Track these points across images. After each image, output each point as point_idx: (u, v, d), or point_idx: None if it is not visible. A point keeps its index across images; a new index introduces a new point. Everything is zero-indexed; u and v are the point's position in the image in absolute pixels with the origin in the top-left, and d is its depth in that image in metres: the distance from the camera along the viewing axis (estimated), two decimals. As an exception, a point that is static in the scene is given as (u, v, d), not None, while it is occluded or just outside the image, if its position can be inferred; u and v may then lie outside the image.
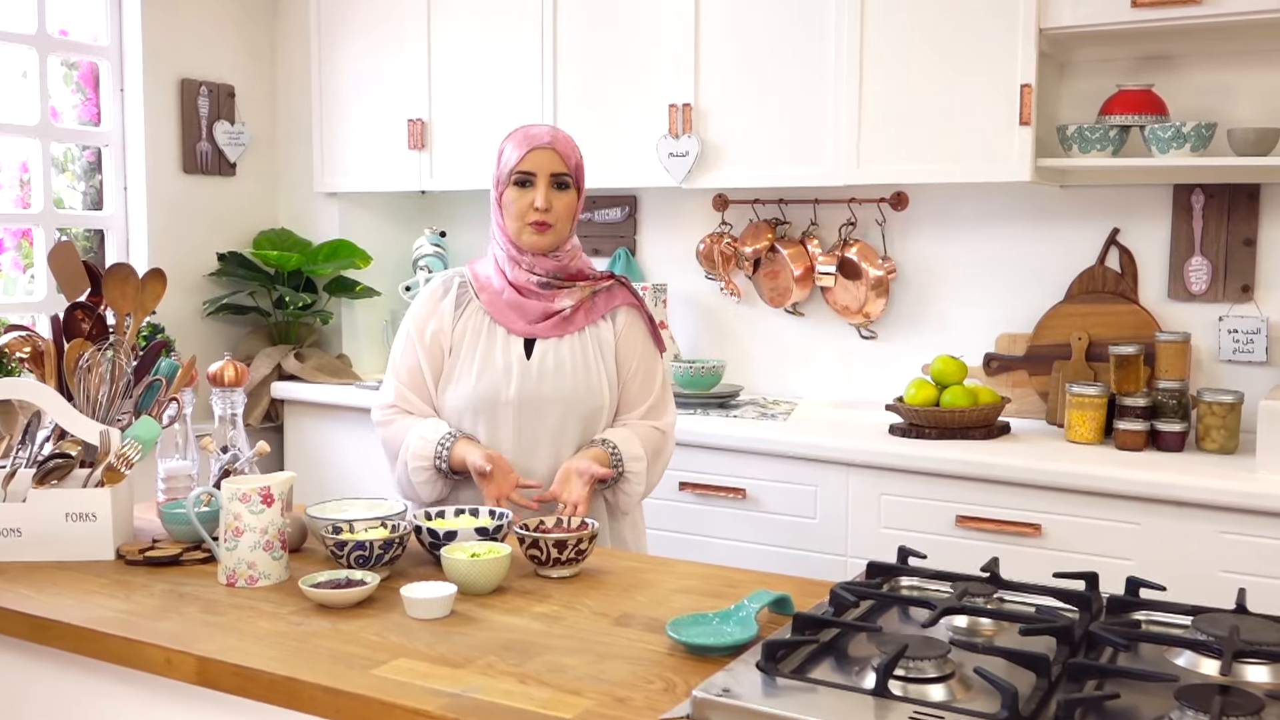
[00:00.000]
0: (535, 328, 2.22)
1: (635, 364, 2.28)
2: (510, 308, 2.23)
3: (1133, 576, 1.62)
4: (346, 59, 3.91)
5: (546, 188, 2.18)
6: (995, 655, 1.35)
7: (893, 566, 1.73)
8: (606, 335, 2.26)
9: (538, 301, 2.22)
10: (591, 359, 2.23)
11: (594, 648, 1.51)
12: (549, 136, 2.21)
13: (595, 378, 2.23)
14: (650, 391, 2.29)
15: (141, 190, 3.74)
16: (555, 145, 2.20)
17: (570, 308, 2.23)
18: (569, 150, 2.22)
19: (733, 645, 1.48)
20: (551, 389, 2.19)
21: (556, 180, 2.19)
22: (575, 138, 3.40)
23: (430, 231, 3.95)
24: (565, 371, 2.20)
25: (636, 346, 2.28)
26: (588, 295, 2.26)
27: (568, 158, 2.21)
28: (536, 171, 2.18)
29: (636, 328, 2.29)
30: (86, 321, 2.02)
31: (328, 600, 1.65)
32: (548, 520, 1.92)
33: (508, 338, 2.23)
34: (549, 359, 2.21)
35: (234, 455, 2.13)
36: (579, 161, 2.24)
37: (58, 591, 1.75)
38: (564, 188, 2.20)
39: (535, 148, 2.18)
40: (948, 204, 3.32)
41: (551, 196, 2.18)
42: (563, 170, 2.19)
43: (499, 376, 2.19)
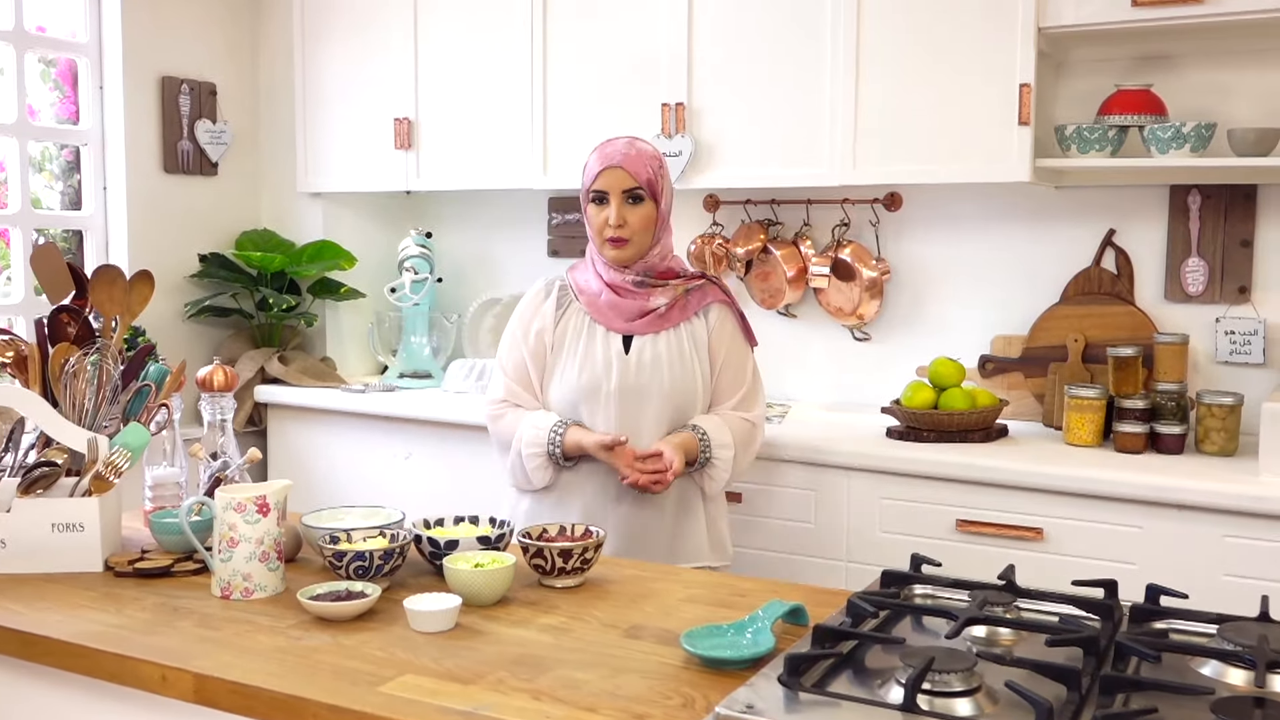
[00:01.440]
0: (632, 325, 2.33)
1: (726, 356, 2.39)
2: (608, 307, 2.34)
3: (1153, 584, 1.59)
4: (331, 56, 3.85)
5: (619, 204, 2.28)
6: (1024, 668, 1.32)
7: (907, 574, 1.69)
8: (700, 331, 2.37)
9: (633, 300, 2.33)
10: (686, 352, 2.34)
11: (607, 661, 1.46)
12: (619, 155, 2.30)
13: (689, 370, 2.34)
14: (741, 384, 2.40)
15: (121, 190, 3.66)
16: (625, 164, 2.28)
17: (665, 305, 2.34)
18: (640, 166, 2.29)
19: (750, 658, 1.43)
20: (649, 381, 2.31)
21: (629, 195, 2.29)
22: (567, 137, 3.43)
23: (416, 232, 3.89)
24: (661, 364, 2.32)
25: (727, 340, 2.39)
26: (681, 293, 2.36)
27: (639, 173, 2.29)
28: (608, 190, 2.29)
29: (728, 323, 2.40)
30: (72, 325, 1.95)
31: (328, 613, 1.60)
32: (550, 529, 1.87)
33: (607, 335, 2.34)
34: (646, 353, 2.32)
35: (224, 462, 2.08)
36: (653, 175, 2.30)
37: (45, 605, 1.69)
38: (638, 201, 2.29)
39: (606, 167, 2.29)
40: (942, 205, 3.29)
41: (625, 212, 2.28)
42: (634, 186, 2.28)
43: (600, 370, 2.31)
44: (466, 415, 3.38)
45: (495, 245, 4.04)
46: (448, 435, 3.43)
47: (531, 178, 3.50)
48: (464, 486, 3.38)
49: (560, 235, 3.92)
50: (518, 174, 3.53)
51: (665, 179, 2.35)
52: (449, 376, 3.69)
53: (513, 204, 3.96)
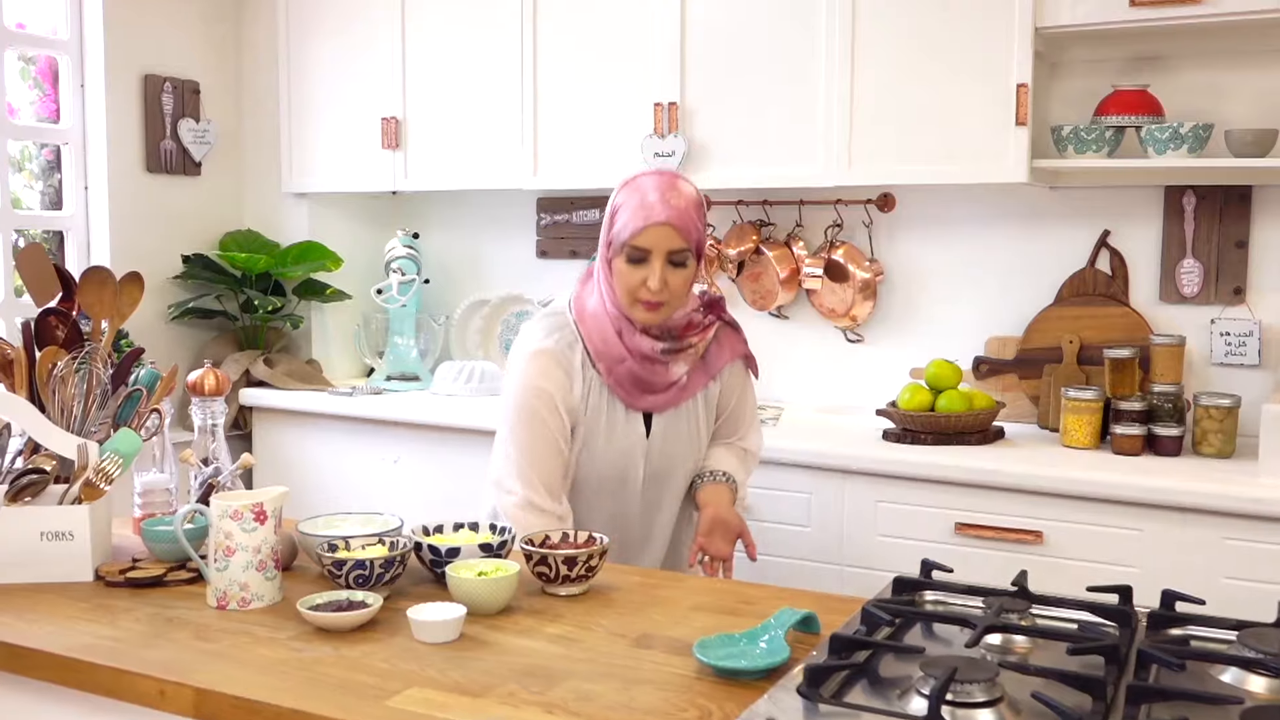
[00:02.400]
0: (656, 400, 2.11)
1: (734, 406, 2.26)
2: (632, 382, 2.08)
3: (1168, 590, 1.57)
4: (317, 54, 3.80)
5: (662, 266, 1.98)
6: (1047, 677, 1.29)
7: (919, 580, 1.67)
8: (713, 393, 2.21)
9: (658, 375, 2.09)
10: (701, 421, 2.20)
11: (618, 672, 1.43)
12: (669, 212, 1.97)
13: (705, 438, 2.22)
14: (741, 424, 2.29)
15: (103, 190, 3.60)
16: (674, 221, 1.97)
17: (685, 375, 2.13)
18: (689, 224, 1.99)
19: (765, 668, 1.40)
20: (672, 461, 2.16)
21: (673, 258, 1.99)
22: (558, 137, 3.39)
23: (403, 233, 3.84)
24: (682, 440, 2.17)
25: (737, 391, 2.26)
26: (700, 355, 2.15)
27: (688, 233, 1.99)
28: (652, 249, 1.98)
29: (740, 376, 2.26)
30: (61, 328, 1.90)
31: (330, 624, 1.56)
32: (553, 535, 1.84)
33: (628, 414, 2.11)
34: (670, 434, 2.15)
35: (216, 469, 2.03)
36: (701, 235, 2.03)
37: (35, 617, 1.64)
38: (682, 265, 2.01)
39: (652, 224, 1.97)
40: (935, 205, 3.27)
41: (667, 274, 1.99)
42: (682, 247, 1.99)
43: (626, 458, 2.11)
44: (456, 418, 3.34)
45: (483, 246, 4.00)
46: (437, 438, 3.39)
47: (521, 178, 3.46)
48: (454, 490, 3.33)
49: (549, 236, 3.88)
50: (507, 174, 3.49)
51: (704, 228, 2.07)
52: (438, 379, 3.65)
53: (501, 204, 3.92)
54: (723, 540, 2.12)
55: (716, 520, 2.12)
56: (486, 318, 3.90)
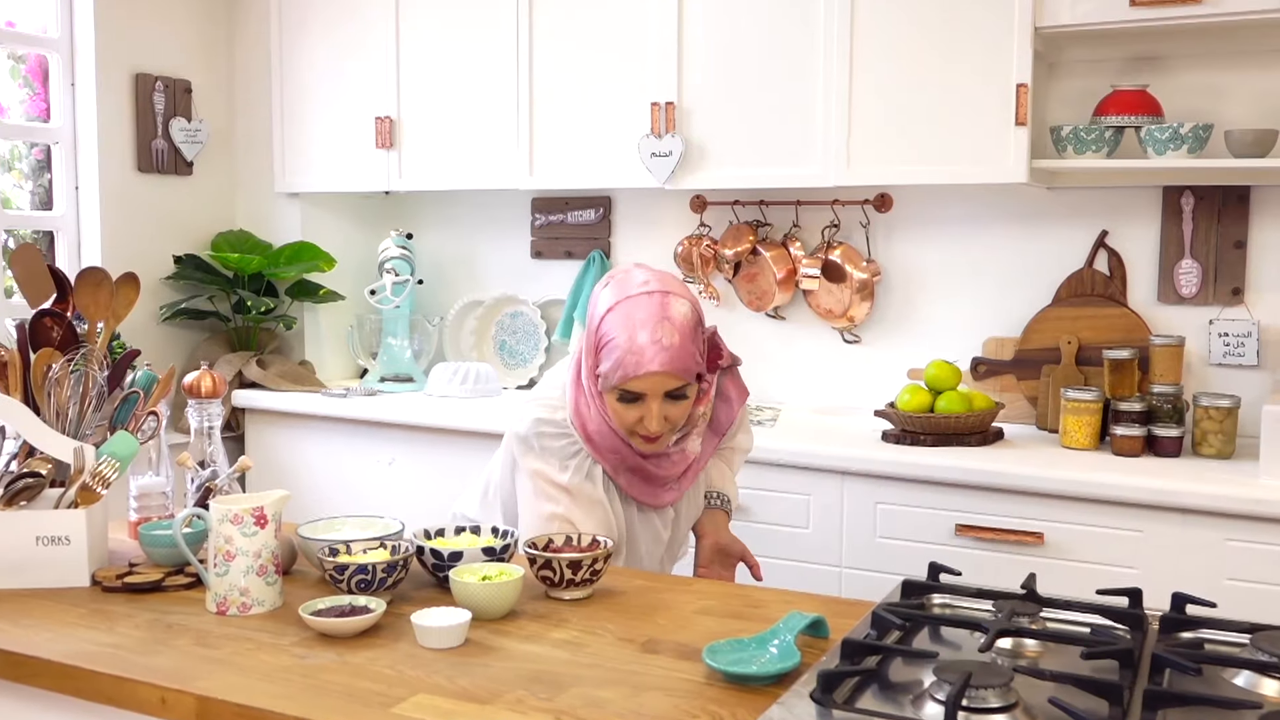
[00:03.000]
0: (681, 486, 2.05)
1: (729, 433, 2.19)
2: (647, 483, 2.00)
3: (1179, 593, 1.56)
4: (310, 53, 3.77)
5: (659, 405, 1.86)
6: (1063, 683, 1.28)
7: (927, 584, 1.65)
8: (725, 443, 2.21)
9: (675, 466, 2.01)
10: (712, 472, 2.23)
11: (627, 678, 1.41)
12: (662, 357, 1.81)
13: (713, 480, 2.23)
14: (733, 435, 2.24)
15: (94, 190, 3.56)
16: (669, 367, 1.81)
17: (700, 445, 2.05)
18: (686, 362, 1.84)
19: (776, 674, 1.39)
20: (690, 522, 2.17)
21: (671, 394, 1.87)
22: (554, 137, 3.36)
23: (396, 233, 3.82)
24: (699, 504, 2.17)
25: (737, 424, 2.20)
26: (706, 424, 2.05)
27: (686, 371, 1.84)
28: (646, 393, 1.85)
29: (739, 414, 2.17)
30: (57, 329, 1.87)
31: (333, 630, 1.54)
32: (556, 539, 1.82)
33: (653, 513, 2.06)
34: (690, 505, 2.14)
35: (213, 472, 2.01)
36: (700, 360, 1.89)
37: (32, 623, 1.62)
38: (681, 397, 1.89)
39: (644, 373, 1.82)
40: (932, 206, 3.26)
41: (666, 409, 1.87)
42: (679, 385, 1.86)
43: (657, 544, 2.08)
44: (451, 420, 3.31)
45: (477, 246, 3.98)
46: (432, 440, 3.36)
47: (517, 178, 3.44)
48: (449, 492, 3.29)
49: (543, 237, 3.86)
50: (503, 174, 3.47)
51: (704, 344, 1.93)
52: (432, 380, 3.63)
53: (495, 204, 3.90)
54: (723, 568, 2.14)
55: (716, 549, 2.14)
56: (481, 318, 3.88)
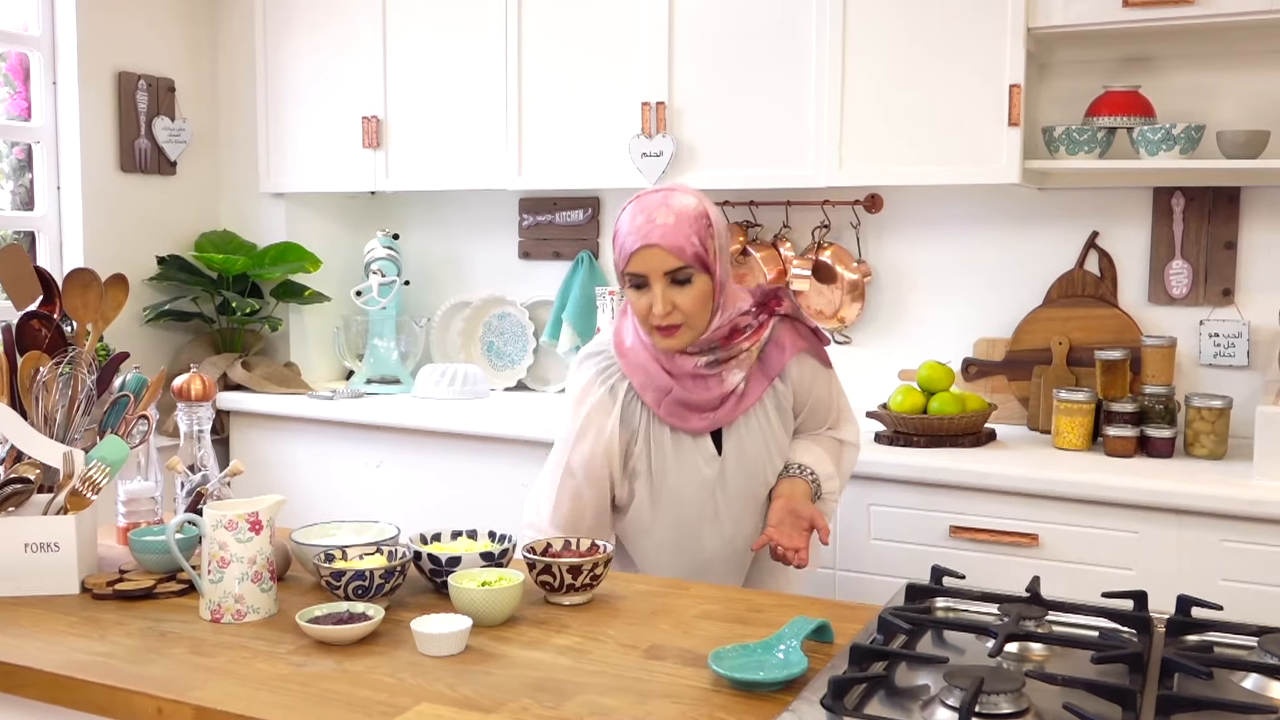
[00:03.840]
0: (716, 416, 2.00)
1: (811, 402, 2.11)
2: (684, 407, 1.99)
3: (1184, 595, 1.55)
4: (295, 51, 3.73)
5: (663, 289, 1.90)
6: (1075, 688, 1.27)
7: (931, 587, 1.64)
8: (782, 393, 2.06)
9: (709, 389, 1.98)
10: (775, 430, 2.06)
11: (632, 685, 1.39)
12: (655, 233, 1.89)
13: (782, 445, 2.08)
14: (828, 415, 2.15)
15: (76, 189, 3.51)
16: (662, 242, 1.88)
17: (743, 382, 2.00)
18: (682, 240, 1.89)
19: (784, 680, 1.37)
20: (749, 478, 2.04)
21: (674, 278, 1.90)
22: (543, 136, 3.34)
23: (383, 234, 3.78)
24: (758, 454, 2.04)
25: (809, 386, 2.10)
26: (755, 358, 2.01)
27: (680, 250, 1.89)
28: (647, 274, 1.91)
29: (811, 369, 2.09)
30: (45, 332, 1.84)
31: (331, 637, 1.51)
32: (555, 543, 1.80)
33: (696, 441, 2.02)
34: (743, 449, 2.03)
35: (204, 476, 1.98)
36: (699, 244, 1.90)
37: (21, 632, 1.58)
38: (686, 282, 1.91)
39: (641, 247, 1.90)
40: (923, 206, 3.25)
41: (672, 296, 1.90)
42: (678, 265, 1.89)
43: (702, 485, 2.03)
44: (439, 422, 3.29)
45: (464, 247, 3.95)
46: (420, 443, 3.33)
47: (506, 178, 3.42)
48: (438, 496, 3.28)
49: (531, 237, 3.84)
50: (491, 174, 3.44)
51: (716, 239, 1.93)
52: (420, 382, 3.60)
53: (482, 205, 3.87)
54: (793, 530, 1.98)
55: (787, 510, 2.00)
56: (468, 320, 3.85)
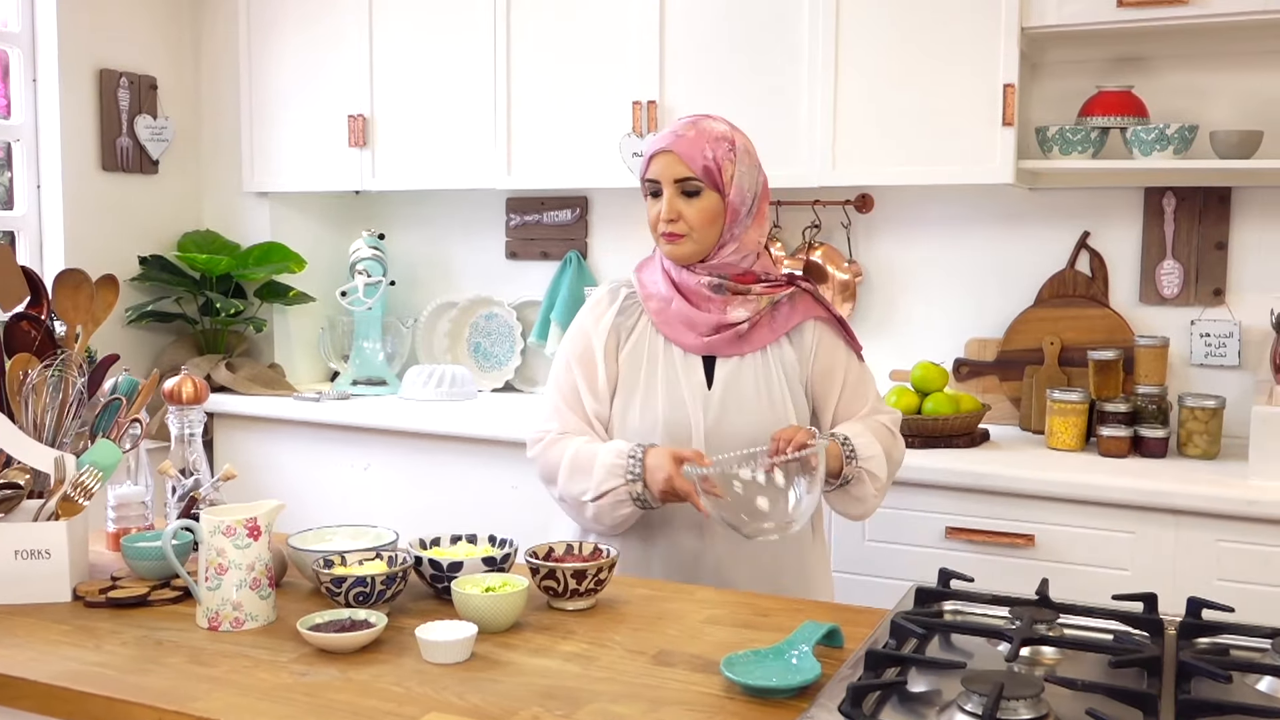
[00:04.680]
0: (710, 342, 1.95)
1: (841, 377, 2.01)
2: (680, 321, 1.97)
3: (1194, 597, 1.54)
4: (279, 48, 3.68)
5: (672, 196, 1.92)
6: (1094, 692, 1.25)
7: (941, 591, 1.62)
8: (790, 357, 1.98)
9: (709, 312, 1.96)
10: (775, 384, 1.96)
11: (642, 692, 1.37)
12: (670, 138, 1.93)
13: (780, 407, 1.96)
14: (866, 396, 2.04)
15: (57, 188, 3.46)
16: (677, 147, 1.91)
17: (746, 322, 1.95)
18: (695, 150, 1.90)
19: (797, 686, 1.35)
20: (737, 420, 1.94)
21: (684, 188, 1.91)
22: (532, 135, 3.31)
23: (368, 234, 3.74)
24: (750, 399, 1.95)
25: (839, 361, 2.02)
26: (766, 307, 1.97)
27: (693, 159, 1.90)
28: (660, 179, 1.93)
29: (829, 340, 2.01)
30: (35, 333, 1.80)
31: (334, 645, 1.48)
32: (557, 547, 1.77)
33: (686, 359, 1.97)
34: (733, 385, 1.95)
35: (196, 480, 1.95)
36: (713, 161, 1.90)
37: (14, 642, 1.54)
38: (695, 194, 1.91)
39: (656, 152, 1.94)
40: (913, 207, 3.24)
41: (679, 205, 1.91)
42: (687, 175, 1.90)
43: (686, 405, 1.95)
44: (427, 424, 3.25)
45: (450, 247, 3.91)
46: (409, 445, 3.30)
47: (495, 177, 3.39)
48: (427, 498, 3.25)
49: (519, 237, 3.81)
50: (480, 173, 3.41)
51: (737, 164, 1.92)
52: (406, 383, 3.56)
53: (469, 204, 3.84)
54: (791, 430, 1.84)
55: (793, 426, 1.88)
56: (454, 320, 3.82)
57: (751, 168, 1.96)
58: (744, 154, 1.95)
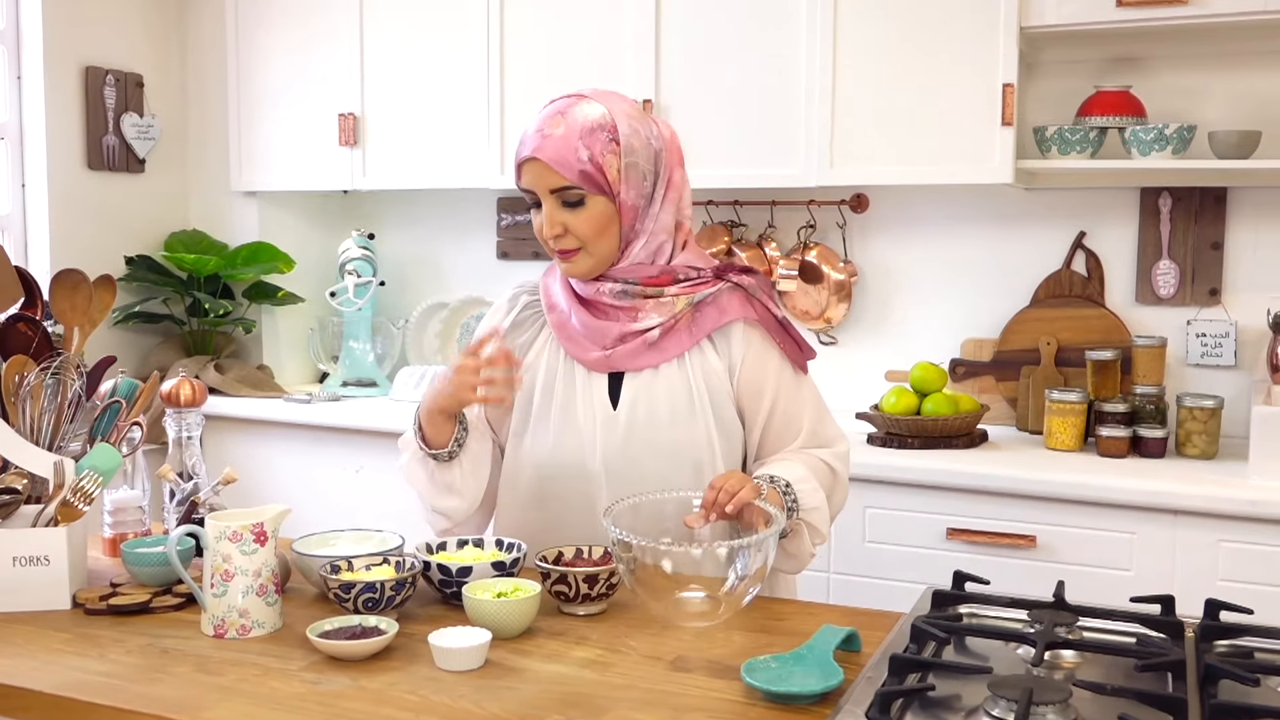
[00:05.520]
0: (612, 356, 1.73)
1: (770, 398, 1.77)
2: (581, 332, 1.75)
3: (1212, 599, 1.54)
4: (268, 46, 3.64)
5: (552, 208, 1.68)
6: (1124, 696, 1.24)
7: (958, 594, 1.61)
8: (714, 365, 1.75)
9: (614, 321, 1.73)
10: (695, 398, 1.74)
11: (663, 699, 1.35)
12: (536, 140, 1.67)
13: (698, 425, 1.74)
14: (798, 426, 1.78)
15: (42, 187, 3.41)
16: (543, 153, 1.66)
17: (658, 328, 1.72)
18: (565, 153, 1.65)
19: (821, 692, 1.33)
20: (647, 444, 1.73)
21: (564, 198, 1.68)
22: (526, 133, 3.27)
23: (358, 233, 3.71)
24: (663, 417, 1.73)
25: (768, 375, 1.76)
26: (685, 309, 1.73)
27: (564, 165, 1.65)
28: (535, 190, 1.70)
29: (758, 348, 1.76)
30: (32, 335, 1.76)
31: (346, 653, 1.45)
32: (566, 551, 1.75)
33: (589, 378, 1.76)
34: (641, 404, 1.74)
35: (196, 484, 1.91)
36: (588, 164, 1.65)
37: (14, 650, 1.51)
38: (577, 204, 1.67)
39: (524, 160, 1.70)
40: (909, 206, 3.24)
41: (562, 217, 1.68)
42: (563, 184, 1.66)
43: (582, 434, 1.76)
44: (421, 425, 3.22)
45: (441, 247, 3.88)
46: (401, 446, 3.26)
47: (488, 176, 3.36)
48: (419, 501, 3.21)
49: (510, 237, 3.78)
50: (473, 172, 3.38)
51: (623, 155, 1.66)
52: (397, 385, 3.53)
53: (459, 204, 3.81)
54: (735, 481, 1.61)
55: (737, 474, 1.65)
56: (445, 321, 3.79)
57: (645, 149, 1.69)
58: (630, 137, 1.68)
